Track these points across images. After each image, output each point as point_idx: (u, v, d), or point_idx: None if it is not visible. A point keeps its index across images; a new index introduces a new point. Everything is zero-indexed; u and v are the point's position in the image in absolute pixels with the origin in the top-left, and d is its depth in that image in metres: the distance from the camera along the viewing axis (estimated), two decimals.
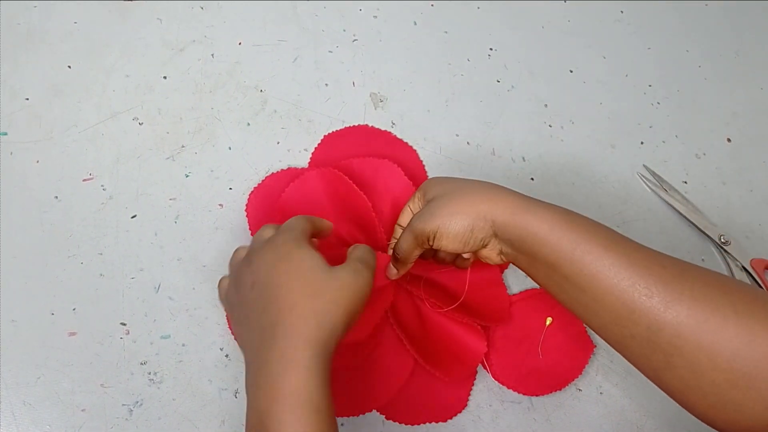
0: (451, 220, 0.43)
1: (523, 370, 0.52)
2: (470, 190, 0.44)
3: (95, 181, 0.53)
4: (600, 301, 0.39)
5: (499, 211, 0.42)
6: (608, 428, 0.52)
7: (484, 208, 0.42)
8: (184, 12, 0.61)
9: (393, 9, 0.67)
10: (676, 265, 0.38)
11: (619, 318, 0.38)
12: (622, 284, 0.38)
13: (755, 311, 0.35)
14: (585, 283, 0.39)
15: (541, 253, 0.41)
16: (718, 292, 0.36)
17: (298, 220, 0.44)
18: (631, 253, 0.39)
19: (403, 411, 0.49)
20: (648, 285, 0.37)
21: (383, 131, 0.60)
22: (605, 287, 0.38)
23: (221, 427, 0.47)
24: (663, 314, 0.36)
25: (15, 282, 0.49)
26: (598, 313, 0.39)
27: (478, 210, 0.42)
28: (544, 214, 0.41)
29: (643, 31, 0.73)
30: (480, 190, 0.44)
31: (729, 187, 0.65)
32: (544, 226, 0.40)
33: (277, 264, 0.41)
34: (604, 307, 0.39)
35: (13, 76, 0.55)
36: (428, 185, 0.47)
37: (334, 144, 0.58)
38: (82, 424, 0.45)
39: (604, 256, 0.38)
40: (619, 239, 0.40)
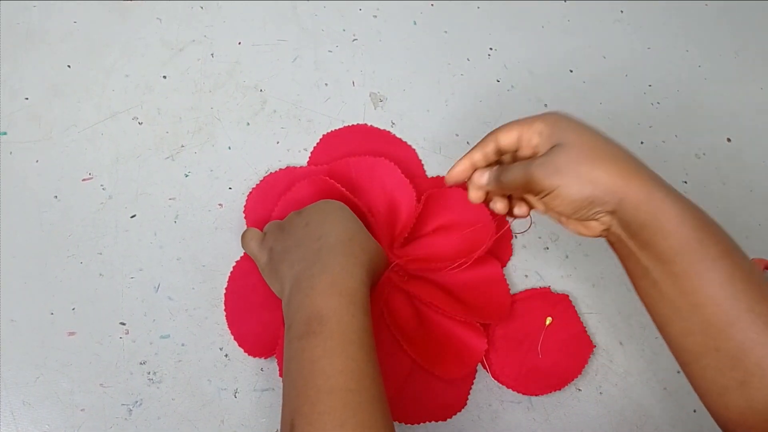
0: (577, 183, 0.38)
1: (523, 369, 0.52)
2: (605, 153, 0.38)
3: (95, 180, 0.53)
4: (699, 307, 0.37)
5: (632, 191, 0.38)
6: (608, 428, 0.52)
7: (617, 182, 0.38)
8: (184, 12, 0.61)
9: (393, 9, 0.67)
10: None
11: (712, 329, 0.37)
12: (731, 296, 0.36)
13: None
14: (690, 286, 0.37)
15: (660, 245, 0.38)
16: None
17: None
18: (746, 265, 0.37)
19: (402, 410, 0.49)
20: (755, 303, 0.36)
21: (382, 130, 0.60)
22: (710, 295, 0.37)
23: (220, 426, 0.47)
24: (760, 335, 0.35)
25: (14, 282, 0.49)
26: (689, 318, 0.38)
27: (610, 183, 0.38)
28: (676, 206, 0.38)
29: (642, 31, 0.73)
30: (616, 159, 0.38)
31: (728, 187, 0.65)
32: (675, 220, 0.37)
33: (330, 212, 0.47)
34: (700, 315, 0.37)
35: (13, 76, 0.55)
36: (557, 123, 0.40)
37: (333, 143, 0.58)
38: (81, 424, 0.45)
39: (722, 264, 0.37)
40: (737, 247, 0.38)
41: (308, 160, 0.57)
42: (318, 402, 0.37)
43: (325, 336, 0.39)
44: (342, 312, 0.40)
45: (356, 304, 0.41)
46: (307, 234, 0.45)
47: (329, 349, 0.38)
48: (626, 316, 0.56)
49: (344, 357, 0.38)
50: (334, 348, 0.38)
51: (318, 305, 0.40)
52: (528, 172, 0.39)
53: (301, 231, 0.46)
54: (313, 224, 0.46)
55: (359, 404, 0.37)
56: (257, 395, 0.48)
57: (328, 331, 0.39)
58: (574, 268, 0.58)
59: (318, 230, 0.45)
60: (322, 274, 0.42)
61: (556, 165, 0.38)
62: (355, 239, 0.45)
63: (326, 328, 0.39)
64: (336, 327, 0.39)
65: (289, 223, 0.47)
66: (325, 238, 0.44)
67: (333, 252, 0.43)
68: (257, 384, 0.48)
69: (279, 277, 0.45)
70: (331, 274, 0.42)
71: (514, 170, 0.41)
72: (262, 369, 0.49)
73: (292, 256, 0.45)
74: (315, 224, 0.45)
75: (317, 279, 0.42)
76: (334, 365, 0.38)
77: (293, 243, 0.45)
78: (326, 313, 0.40)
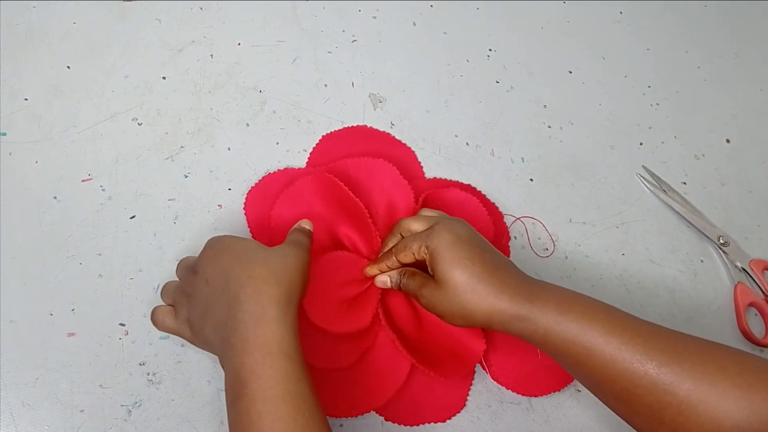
0: (451, 318, 0.45)
1: (522, 370, 0.52)
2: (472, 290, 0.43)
3: (94, 181, 0.53)
4: (603, 384, 0.41)
5: (495, 318, 0.43)
6: (607, 429, 0.52)
7: (483, 316, 0.43)
8: (184, 12, 0.61)
9: (392, 10, 0.67)
10: (675, 345, 0.40)
11: (623, 398, 0.41)
12: (623, 371, 0.40)
13: (752, 382, 0.38)
14: (587, 369, 0.41)
15: (544, 345, 0.43)
16: (716, 368, 0.38)
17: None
18: (629, 338, 0.40)
19: (401, 412, 0.49)
20: (647, 370, 0.39)
21: (382, 132, 0.60)
22: (606, 373, 0.41)
23: (220, 427, 0.47)
24: (663, 396, 0.39)
25: (14, 282, 0.49)
26: (603, 391, 0.42)
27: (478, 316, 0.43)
28: (542, 310, 0.42)
29: (642, 32, 0.73)
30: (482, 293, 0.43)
31: (728, 188, 0.65)
32: (544, 323, 0.42)
33: (221, 255, 0.44)
34: (608, 389, 0.41)
35: (13, 76, 0.56)
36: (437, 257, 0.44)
37: (332, 144, 0.58)
38: (80, 425, 0.45)
39: (605, 345, 0.40)
40: (617, 323, 0.41)
41: (307, 160, 0.57)
42: None
43: (247, 402, 0.38)
44: (260, 370, 0.38)
45: (275, 354, 0.38)
46: (212, 292, 0.43)
47: (254, 414, 0.38)
48: None
49: (271, 419, 0.37)
50: (258, 412, 0.38)
51: (236, 367, 0.39)
52: (417, 299, 0.47)
53: (204, 291, 0.43)
54: (212, 278, 0.43)
55: None
56: None
57: (250, 394, 0.38)
58: (573, 269, 0.58)
59: (218, 283, 0.42)
60: (235, 332, 0.40)
61: (434, 303, 0.45)
62: (254, 274, 0.41)
63: (248, 391, 0.38)
64: (256, 388, 0.38)
65: (191, 287, 0.45)
66: (227, 289, 0.42)
67: (237, 301, 0.41)
68: None
69: (210, 344, 0.43)
70: (242, 327, 0.40)
71: (410, 285, 0.47)
72: None
73: (210, 320, 0.43)
74: (214, 277, 0.43)
75: (233, 338, 0.40)
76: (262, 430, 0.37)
77: (204, 307, 0.43)
78: (244, 374, 0.38)
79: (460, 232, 0.45)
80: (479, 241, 0.45)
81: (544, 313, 0.42)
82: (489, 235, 0.54)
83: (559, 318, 0.42)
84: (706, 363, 0.39)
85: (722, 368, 0.38)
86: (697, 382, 0.38)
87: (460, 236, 0.44)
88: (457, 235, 0.44)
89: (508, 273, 0.44)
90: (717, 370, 0.38)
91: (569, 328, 0.41)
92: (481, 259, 0.44)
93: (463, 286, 0.43)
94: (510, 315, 0.42)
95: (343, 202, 0.52)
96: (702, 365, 0.39)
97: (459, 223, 0.46)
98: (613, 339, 0.40)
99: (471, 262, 0.43)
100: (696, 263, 0.61)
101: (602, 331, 0.41)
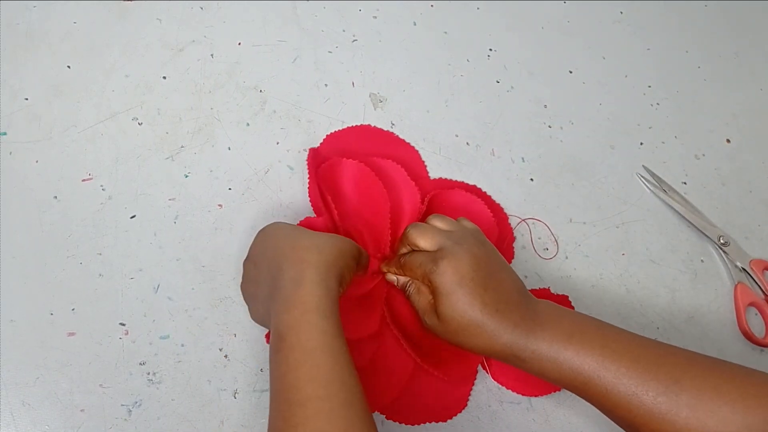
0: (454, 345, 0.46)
1: (523, 371, 0.51)
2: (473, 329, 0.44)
3: (94, 181, 0.53)
4: (605, 411, 0.43)
5: (496, 353, 0.44)
6: (607, 429, 0.52)
7: (483, 350, 0.44)
8: (184, 12, 0.61)
9: (393, 9, 0.67)
10: (671, 374, 0.40)
11: (624, 423, 0.42)
12: (619, 401, 0.41)
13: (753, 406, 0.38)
14: (588, 398, 0.43)
15: (542, 376, 0.44)
16: (714, 394, 0.39)
17: None
18: (626, 369, 0.41)
19: (403, 411, 0.49)
20: (643, 402, 0.40)
21: (385, 131, 0.60)
22: (606, 402, 0.42)
23: (220, 427, 0.47)
24: (661, 424, 0.39)
25: (14, 282, 0.49)
26: (606, 414, 0.43)
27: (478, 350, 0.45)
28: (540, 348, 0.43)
29: (642, 32, 0.73)
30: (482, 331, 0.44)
31: (728, 188, 0.65)
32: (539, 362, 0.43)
33: (266, 239, 0.47)
34: (610, 415, 0.42)
35: (13, 76, 0.55)
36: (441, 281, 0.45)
37: (336, 144, 0.58)
38: (81, 425, 0.45)
39: (600, 380, 0.41)
40: (615, 350, 0.42)
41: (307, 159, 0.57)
42: (291, 416, 0.37)
43: (286, 352, 0.39)
44: (298, 325, 0.40)
45: (312, 311, 0.40)
46: (259, 271, 0.46)
47: (293, 361, 0.39)
48: (625, 317, 0.57)
49: (309, 366, 0.38)
50: (297, 360, 0.39)
51: (276, 325, 0.41)
52: (422, 318, 0.47)
53: (253, 272, 0.47)
54: (259, 260, 0.46)
55: (330, 411, 0.37)
56: (257, 396, 0.48)
57: (288, 346, 0.39)
58: (573, 269, 0.58)
59: (264, 261, 0.45)
60: (277, 296, 0.42)
61: (437, 332, 0.46)
62: (298, 245, 0.44)
63: (286, 344, 0.39)
64: (295, 341, 0.39)
65: (245, 273, 0.49)
66: (272, 263, 0.44)
67: (281, 270, 0.43)
68: (257, 384, 0.48)
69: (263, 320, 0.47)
70: (283, 291, 0.41)
71: (415, 303, 0.48)
72: (262, 369, 0.49)
73: (259, 296, 0.46)
74: (260, 259, 0.46)
75: (275, 303, 0.42)
76: (299, 377, 0.38)
77: (254, 287, 0.47)
78: (283, 330, 0.40)
79: (464, 272, 0.44)
80: (483, 276, 0.44)
81: (540, 351, 0.43)
82: (493, 237, 0.54)
83: (556, 353, 0.42)
84: (704, 391, 0.39)
85: (720, 395, 0.39)
86: (695, 410, 0.39)
87: (464, 277, 0.44)
88: (461, 276, 0.44)
89: (508, 309, 0.44)
90: (715, 397, 0.39)
91: (566, 360, 0.42)
92: (481, 302, 0.43)
93: (461, 328, 0.44)
94: (507, 354, 0.44)
95: (369, 196, 0.52)
96: (699, 393, 0.39)
97: (465, 255, 0.45)
98: (610, 370, 0.41)
99: (470, 307, 0.43)
100: (696, 263, 0.61)
101: (599, 360, 0.41)
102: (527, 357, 0.43)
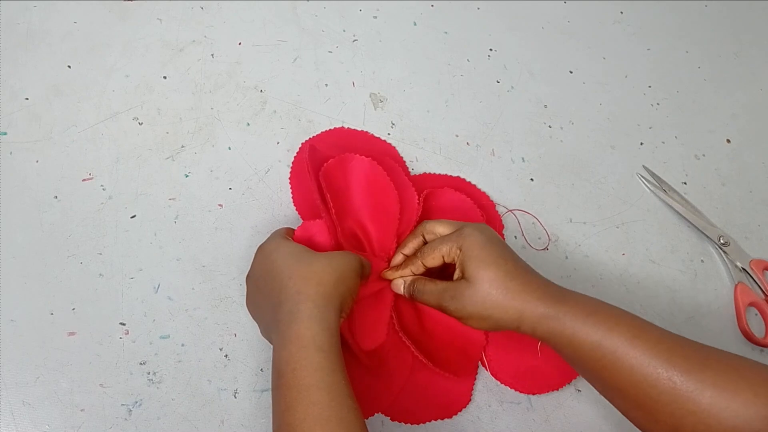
0: (478, 321, 0.45)
1: (522, 368, 0.52)
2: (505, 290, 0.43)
3: (95, 181, 0.53)
4: (625, 390, 0.41)
5: (526, 323, 0.43)
6: (607, 429, 0.52)
7: (512, 317, 0.44)
8: (184, 12, 0.61)
9: (393, 9, 0.67)
10: (698, 354, 0.40)
11: (644, 405, 0.41)
12: (646, 376, 0.40)
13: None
14: (610, 374, 0.41)
15: (569, 348, 0.43)
16: (737, 377, 0.39)
17: (275, 231, 0.50)
18: (654, 345, 0.40)
19: (407, 411, 0.49)
20: (671, 376, 0.39)
21: (360, 131, 0.59)
22: (630, 378, 0.41)
23: (220, 427, 0.47)
24: (686, 403, 0.39)
25: (14, 282, 0.49)
26: (624, 398, 0.42)
27: (506, 319, 0.44)
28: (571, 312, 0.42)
29: (642, 32, 0.73)
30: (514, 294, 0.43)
31: (728, 188, 0.65)
32: (571, 324, 0.42)
33: (267, 259, 0.46)
34: (629, 395, 0.41)
35: (13, 76, 0.56)
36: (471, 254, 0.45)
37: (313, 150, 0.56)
38: (81, 424, 0.45)
39: (630, 350, 0.41)
40: (642, 330, 0.42)
41: (290, 170, 0.56)
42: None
43: (284, 390, 0.40)
44: (294, 361, 0.40)
45: (308, 347, 0.40)
46: (262, 296, 0.46)
47: (290, 400, 0.39)
48: None
49: (305, 404, 0.38)
50: (294, 398, 0.39)
51: (275, 360, 0.41)
52: (439, 303, 0.46)
53: (255, 295, 0.47)
54: (259, 283, 0.46)
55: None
56: (257, 395, 0.48)
57: (285, 384, 0.40)
58: (573, 269, 0.58)
59: (266, 285, 0.45)
60: (276, 330, 0.42)
61: (463, 303, 0.44)
62: (296, 275, 0.43)
63: (283, 382, 0.40)
64: (291, 378, 0.39)
65: (248, 292, 0.49)
66: (272, 292, 0.44)
67: (279, 302, 0.43)
68: (257, 384, 0.48)
69: (268, 336, 0.46)
70: (280, 325, 0.42)
71: (428, 294, 0.47)
72: (262, 369, 0.49)
73: (262, 321, 0.47)
74: (261, 282, 0.46)
75: (275, 336, 0.43)
76: (296, 416, 0.38)
77: (257, 309, 0.47)
78: (281, 366, 0.40)
79: (489, 234, 0.46)
80: (505, 244, 0.46)
81: (572, 315, 0.42)
82: None
83: (586, 320, 0.42)
84: (728, 372, 0.39)
85: (744, 378, 0.38)
86: (720, 390, 0.38)
87: (491, 238, 0.45)
88: (488, 236, 0.45)
89: (535, 275, 0.45)
90: (740, 380, 0.38)
91: (596, 331, 0.41)
92: (512, 259, 0.45)
93: (496, 283, 0.43)
94: (540, 314, 0.43)
95: (378, 194, 0.51)
96: (724, 374, 0.39)
97: (486, 226, 0.47)
98: (638, 343, 0.40)
99: (504, 261, 0.44)
100: (696, 263, 0.61)
101: (628, 335, 0.41)
102: (559, 322, 0.42)
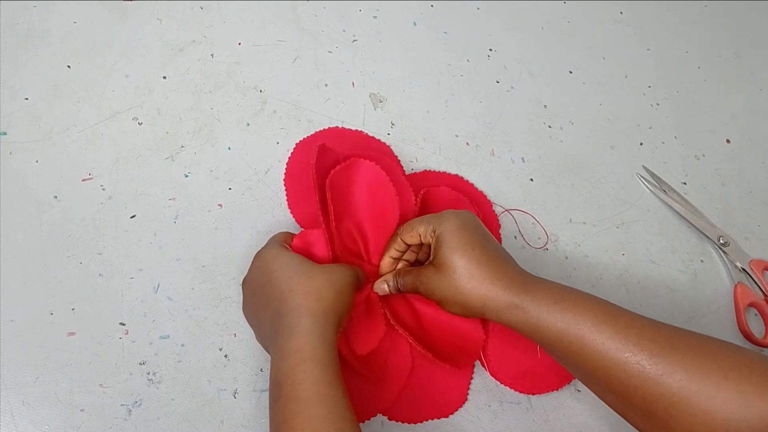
0: (448, 305, 0.46)
1: (521, 368, 0.52)
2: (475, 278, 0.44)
3: (94, 181, 0.53)
4: (595, 375, 0.41)
5: (489, 305, 0.44)
6: (607, 429, 0.52)
7: (477, 304, 0.44)
8: (184, 12, 0.61)
9: (393, 9, 0.67)
10: (667, 337, 0.40)
11: (616, 389, 0.41)
12: (615, 361, 0.40)
13: (746, 374, 0.37)
14: (579, 359, 0.42)
15: (536, 335, 0.43)
16: (708, 360, 0.38)
17: (273, 236, 0.50)
18: (621, 329, 0.40)
19: (405, 410, 0.49)
20: (639, 360, 0.39)
21: (354, 130, 0.59)
22: (598, 363, 0.41)
23: (220, 427, 0.47)
24: (656, 387, 0.39)
25: (14, 282, 0.49)
26: (596, 383, 0.42)
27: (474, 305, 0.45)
28: (535, 300, 0.43)
29: (642, 32, 0.73)
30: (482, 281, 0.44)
31: (728, 188, 0.65)
32: (536, 312, 0.43)
33: (266, 268, 0.46)
34: (600, 380, 0.41)
35: (13, 76, 0.55)
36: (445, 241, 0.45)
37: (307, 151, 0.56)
38: (80, 424, 0.45)
39: (596, 335, 0.41)
40: (609, 315, 0.42)
41: (285, 171, 0.56)
42: None
43: (282, 401, 0.40)
44: (293, 374, 0.40)
45: (307, 360, 0.40)
46: (259, 304, 0.46)
47: (288, 412, 0.39)
48: None
49: (303, 417, 0.39)
50: (292, 410, 0.39)
51: (273, 372, 0.42)
52: (415, 286, 0.47)
53: (253, 303, 0.47)
54: (257, 291, 0.47)
55: None
56: (257, 395, 0.48)
57: (284, 396, 0.40)
58: (573, 269, 0.58)
59: (264, 296, 0.45)
60: (275, 342, 0.43)
61: (431, 288, 0.46)
62: (296, 289, 0.44)
63: (282, 394, 0.40)
64: (290, 390, 0.40)
65: (245, 298, 0.49)
66: (271, 302, 0.44)
67: (278, 314, 0.43)
68: (257, 384, 0.48)
69: (267, 350, 0.47)
70: (280, 337, 0.42)
71: (407, 279, 0.48)
72: (262, 369, 0.49)
73: (260, 330, 0.47)
74: (259, 291, 0.46)
75: (273, 348, 0.43)
76: (294, 427, 0.39)
77: (255, 318, 0.48)
78: (280, 378, 0.41)
79: (466, 219, 0.46)
80: (483, 231, 0.47)
81: (537, 303, 0.43)
82: None
83: (551, 308, 0.42)
84: (699, 356, 0.39)
85: (715, 361, 0.38)
86: (690, 373, 0.38)
87: (466, 223, 0.46)
88: (463, 221, 0.46)
89: (505, 263, 0.45)
90: (710, 362, 0.38)
91: (562, 318, 0.42)
92: (481, 246, 0.45)
93: (460, 269, 0.44)
94: (503, 303, 0.43)
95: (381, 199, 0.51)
96: (694, 357, 0.38)
97: (469, 213, 0.48)
98: (605, 328, 0.41)
99: (471, 248, 0.44)
100: (696, 263, 0.61)
101: (594, 320, 0.41)
102: (523, 310, 0.43)
